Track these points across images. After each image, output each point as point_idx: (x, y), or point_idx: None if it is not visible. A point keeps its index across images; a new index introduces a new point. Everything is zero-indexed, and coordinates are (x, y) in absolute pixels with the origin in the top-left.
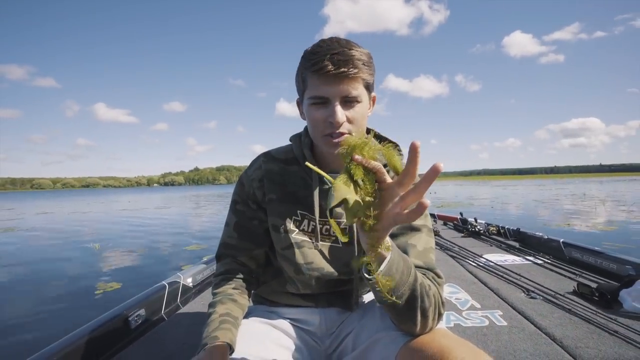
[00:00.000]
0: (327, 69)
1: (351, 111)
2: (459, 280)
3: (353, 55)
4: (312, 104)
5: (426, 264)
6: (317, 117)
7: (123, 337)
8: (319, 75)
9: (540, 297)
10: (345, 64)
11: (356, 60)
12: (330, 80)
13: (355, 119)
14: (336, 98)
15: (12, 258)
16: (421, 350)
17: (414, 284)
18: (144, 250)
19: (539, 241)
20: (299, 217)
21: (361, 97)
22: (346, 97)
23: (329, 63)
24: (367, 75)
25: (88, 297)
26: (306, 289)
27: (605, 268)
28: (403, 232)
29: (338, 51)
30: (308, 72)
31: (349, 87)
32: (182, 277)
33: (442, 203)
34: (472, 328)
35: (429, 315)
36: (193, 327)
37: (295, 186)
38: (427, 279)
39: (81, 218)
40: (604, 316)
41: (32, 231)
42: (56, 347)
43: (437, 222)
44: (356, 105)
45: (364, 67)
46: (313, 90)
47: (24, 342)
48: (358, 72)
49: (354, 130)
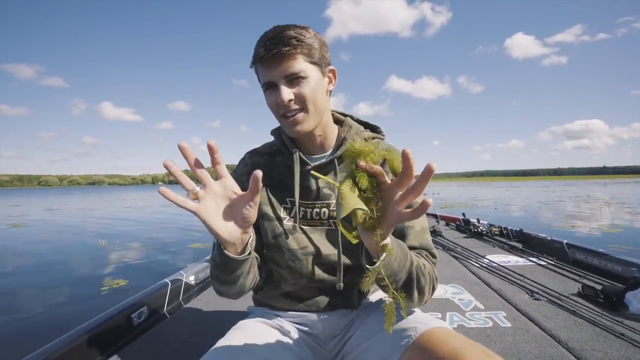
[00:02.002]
0: (261, 54)
1: (297, 88)
2: (462, 280)
3: (284, 35)
4: (265, 91)
5: (422, 244)
6: (270, 102)
7: (125, 334)
8: (260, 63)
9: (545, 299)
10: (276, 45)
11: (288, 39)
12: (268, 64)
13: (303, 95)
14: (279, 79)
15: (19, 254)
16: (431, 351)
17: (411, 268)
18: (149, 247)
19: (542, 242)
20: (288, 205)
21: (305, 73)
22: (287, 76)
23: (262, 49)
24: (306, 50)
25: (95, 293)
26: (302, 279)
27: (609, 270)
28: None
29: (270, 36)
30: (252, 62)
31: (287, 66)
32: (185, 274)
33: (445, 204)
34: (476, 329)
35: (425, 292)
36: (195, 325)
37: (282, 175)
38: (422, 258)
39: (87, 215)
40: (609, 318)
41: (39, 227)
42: (59, 343)
43: (439, 223)
44: (302, 82)
45: (297, 43)
46: (260, 78)
47: (31, 336)
48: (291, 49)
49: (306, 105)
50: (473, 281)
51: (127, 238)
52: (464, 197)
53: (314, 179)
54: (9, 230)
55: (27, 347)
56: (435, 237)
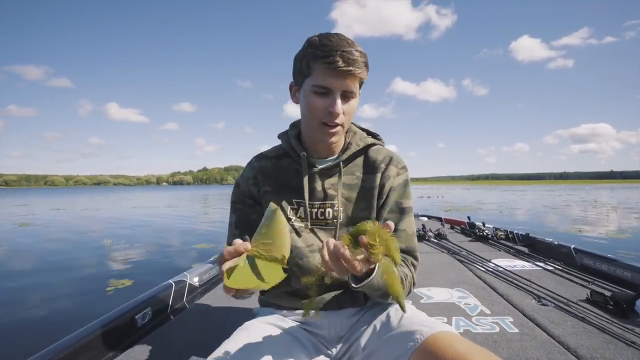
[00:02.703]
0: (338, 64)
1: (347, 105)
2: (467, 285)
3: (358, 57)
4: (315, 92)
5: (408, 247)
6: (317, 104)
7: (129, 336)
8: (328, 67)
9: (552, 304)
10: (353, 63)
11: (360, 61)
12: (337, 74)
13: (349, 113)
14: (338, 91)
15: (26, 253)
16: (437, 355)
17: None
18: (154, 247)
19: (548, 247)
20: (295, 206)
21: (356, 94)
22: (346, 91)
23: (340, 59)
24: (365, 75)
25: (100, 292)
26: (310, 275)
27: (618, 276)
28: (393, 216)
29: (347, 50)
30: (317, 61)
31: (351, 84)
32: (189, 276)
33: (449, 207)
34: (483, 334)
35: (404, 293)
36: (199, 326)
37: (289, 177)
38: (405, 267)
39: (93, 215)
40: (620, 326)
41: (45, 227)
42: (64, 343)
43: (444, 226)
44: (352, 100)
45: (365, 68)
46: (319, 79)
47: (36, 336)
48: (360, 73)
49: (345, 122)
50: (479, 285)
51: (132, 238)
52: (468, 200)
53: (320, 181)
54: (17, 229)
55: (33, 347)
56: (439, 240)
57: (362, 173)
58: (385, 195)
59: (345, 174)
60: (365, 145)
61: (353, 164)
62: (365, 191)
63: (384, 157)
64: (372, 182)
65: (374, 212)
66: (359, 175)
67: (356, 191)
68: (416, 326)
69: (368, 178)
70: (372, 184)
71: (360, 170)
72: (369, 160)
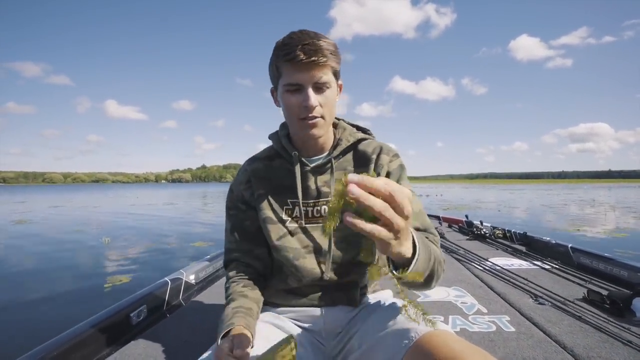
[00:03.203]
0: (299, 57)
1: (322, 96)
2: (464, 283)
3: (322, 45)
4: (287, 91)
5: (424, 225)
6: (292, 102)
7: (124, 333)
8: (292, 63)
9: (549, 303)
10: (315, 53)
11: (325, 50)
12: (302, 68)
13: (326, 104)
14: (308, 84)
15: (23, 250)
16: (431, 353)
17: (433, 266)
18: (152, 245)
19: (546, 246)
20: (290, 206)
21: (330, 84)
22: (317, 83)
23: (301, 52)
24: (334, 63)
25: (97, 290)
26: (308, 276)
27: (615, 275)
28: None
29: (308, 42)
30: (281, 61)
31: (320, 74)
32: (185, 273)
33: (448, 205)
34: (479, 333)
35: (440, 276)
36: (195, 324)
37: (281, 177)
38: (432, 244)
39: (91, 212)
40: (616, 325)
41: (43, 224)
42: (58, 341)
43: (442, 225)
44: (326, 91)
45: (332, 56)
46: (287, 77)
47: (33, 333)
48: (327, 61)
49: (325, 113)
50: (476, 284)
51: (130, 235)
52: (467, 199)
53: (313, 179)
54: (14, 226)
55: (30, 344)
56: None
57: (353, 167)
58: None
59: (337, 170)
60: (355, 140)
61: (344, 159)
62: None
63: (374, 148)
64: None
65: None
66: (350, 169)
67: None
68: (411, 324)
69: (359, 171)
70: None
71: (351, 164)
72: (359, 154)
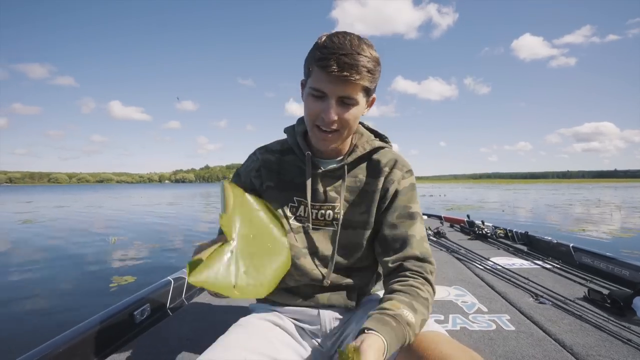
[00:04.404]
0: (331, 68)
1: (345, 112)
2: (465, 283)
3: (359, 62)
4: (311, 95)
5: (422, 253)
6: (312, 108)
7: (128, 332)
8: (323, 71)
9: (550, 303)
10: (349, 68)
11: (361, 67)
12: (332, 79)
13: (347, 120)
14: (333, 96)
15: (30, 249)
16: (421, 355)
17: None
18: (157, 244)
19: (547, 245)
20: (295, 204)
21: (357, 101)
22: (343, 97)
23: (335, 64)
24: (367, 82)
25: (103, 289)
26: (305, 276)
27: (617, 274)
28: (402, 222)
29: (346, 53)
30: (314, 63)
31: (348, 90)
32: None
33: (452, 205)
34: (479, 332)
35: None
36: (197, 323)
37: (292, 174)
38: (423, 289)
39: (96, 212)
40: (616, 324)
41: (49, 224)
42: (62, 339)
43: (443, 224)
44: (351, 108)
45: (367, 75)
46: (315, 82)
47: (39, 332)
48: (359, 80)
49: (343, 128)
50: (477, 283)
51: (135, 235)
52: (471, 199)
53: (322, 182)
54: (21, 226)
55: (35, 341)
56: (439, 238)
57: (365, 176)
58: (390, 199)
59: (348, 177)
60: (371, 148)
61: (357, 167)
62: (367, 194)
63: (389, 160)
64: (375, 185)
65: (372, 216)
66: (361, 178)
67: (356, 194)
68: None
69: (371, 181)
70: (374, 188)
71: (364, 173)
72: (373, 163)
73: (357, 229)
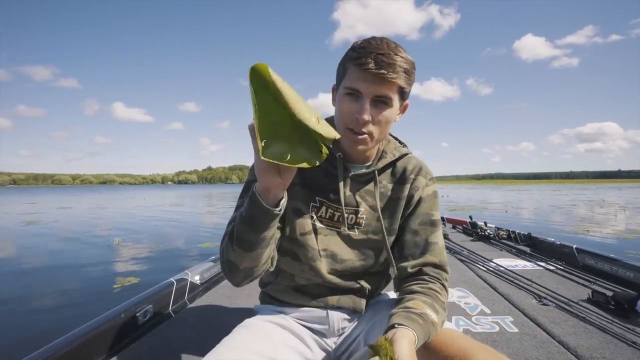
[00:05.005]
0: (368, 65)
1: (378, 112)
2: (468, 284)
3: (396, 61)
4: (346, 94)
5: (441, 261)
6: (346, 107)
7: (130, 333)
8: (359, 69)
9: (553, 304)
10: (386, 67)
11: (398, 67)
12: (368, 77)
13: (380, 122)
14: (368, 95)
15: (34, 251)
16: (439, 350)
17: (436, 332)
18: (160, 246)
19: (550, 247)
20: (317, 204)
21: (392, 102)
22: (378, 96)
23: (372, 61)
24: (403, 82)
25: (107, 290)
26: (317, 278)
27: (621, 276)
28: (424, 228)
29: (384, 52)
30: (351, 63)
31: (384, 89)
32: (190, 274)
33: (454, 206)
34: (482, 334)
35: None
36: (200, 325)
37: (316, 173)
38: (440, 298)
39: (99, 213)
40: (620, 326)
41: (53, 225)
42: (65, 340)
43: (446, 226)
44: (385, 109)
45: (403, 75)
46: (350, 81)
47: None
48: (396, 78)
49: (375, 131)
50: (480, 285)
51: (138, 236)
52: (474, 199)
53: (349, 186)
54: (25, 227)
55: (38, 343)
56: None
57: (390, 182)
58: (414, 206)
59: (382, 180)
60: (400, 155)
61: (383, 174)
62: (392, 201)
63: (414, 167)
64: (400, 192)
65: (396, 222)
66: (386, 184)
67: (383, 201)
68: None
69: (397, 188)
70: (399, 195)
71: (389, 179)
72: (398, 170)
73: (379, 234)
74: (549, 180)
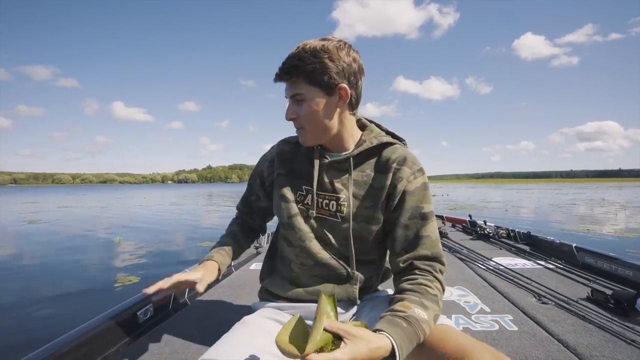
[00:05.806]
0: (276, 74)
1: (299, 108)
2: (467, 283)
3: (292, 63)
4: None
5: (434, 253)
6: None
7: (131, 332)
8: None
9: (552, 303)
10: (282, 70)
11: (289, 67)
12: (282, 82)
13: (305, 115)
14: (288, 97)
15: (35, 250)
16: (437, 347)
17: (428, 327)
18: (161, 245)
19: (550, 245)
20: (303, 192)
21: (305, 96)
22: (292, 95)
23: (278, 70)
24: (302, 76)
25: (108, 289)
26: (310, 259)
27: (620, 274)
28: (415, 222)
29: (287, 58)
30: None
31: (292, 88)
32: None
33: (454, 205)
34: (482, 332)
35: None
36: (201, 323)
37: (303, 164)
38: (430, 292)
39: (100, 212)
40: (620, 324)
41: (53, 224)
42: (65, 339)
43: (445, 224)
44: (302, 104)
45: (296, 71)
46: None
47: (43, 332)
48: (291, 76)
49: (304, 124)
50: (479, 284)
51: (138, 235)
52: (473, 198)
53: (329, 173)
54: (26, 226)
55: (39, 341)
56: (441, 238)
57: (372, 171)
58: (399, 199)
59: (356, 171)
60: (378, 142)
61: (366, 162)
62: (374, 190)
63: (397, 156)
64: (382, 182)
65: (379, 211)
66: (369, 173)
67: (364, 189)
68: None
69: (378, 177)
70: (381, 184)
71: (372, 169)
72: (382, 160)
73: (362, 223)
74: (549, 179)
